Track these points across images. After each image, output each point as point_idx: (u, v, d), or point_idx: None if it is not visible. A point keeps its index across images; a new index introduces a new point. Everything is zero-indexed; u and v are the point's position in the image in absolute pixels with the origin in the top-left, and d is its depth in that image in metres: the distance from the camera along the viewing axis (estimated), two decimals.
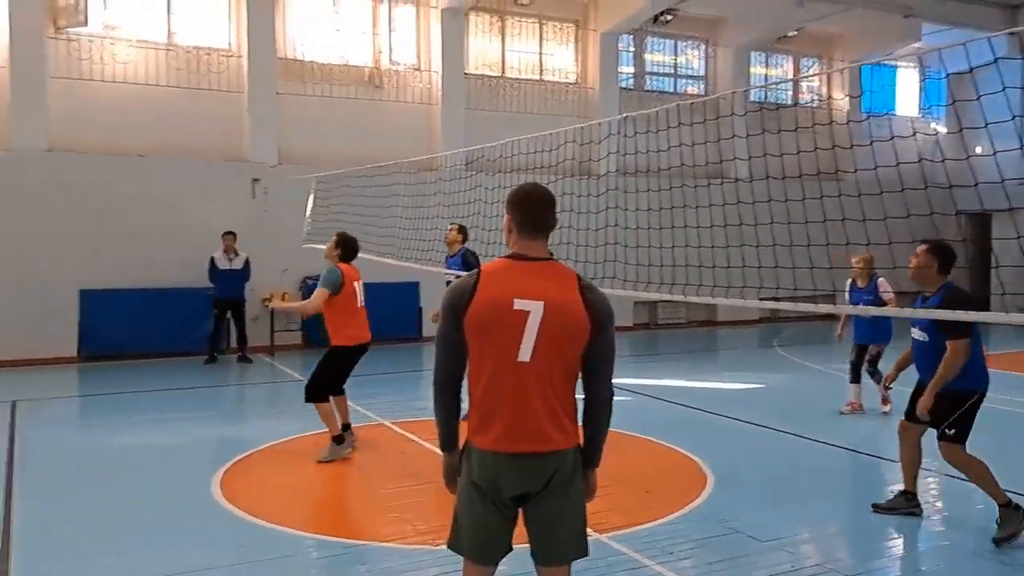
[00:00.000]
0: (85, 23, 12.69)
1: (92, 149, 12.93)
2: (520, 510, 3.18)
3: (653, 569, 4.89)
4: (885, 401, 9.03)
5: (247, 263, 13.01)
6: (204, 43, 13.82)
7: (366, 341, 7.49)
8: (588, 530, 3.17)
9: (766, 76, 19.53)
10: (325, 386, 7.36)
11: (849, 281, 9.00)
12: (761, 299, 5.08)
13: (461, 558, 3.25)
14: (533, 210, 3.15)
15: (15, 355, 12.15)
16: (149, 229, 13.14)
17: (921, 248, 5.55)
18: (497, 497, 3.10)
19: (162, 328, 13.16)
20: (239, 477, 6.86)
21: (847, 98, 18.65)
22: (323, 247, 11.10)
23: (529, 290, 3.02)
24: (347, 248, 7.53)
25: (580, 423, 3.24)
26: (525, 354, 3.01)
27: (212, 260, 12.84)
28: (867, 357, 9.07)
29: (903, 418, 5.86)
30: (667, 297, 5.79)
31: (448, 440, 3.29)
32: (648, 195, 7.48)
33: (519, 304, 3.00)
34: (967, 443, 5.45)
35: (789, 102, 19.43)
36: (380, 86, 15.18)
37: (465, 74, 15.75)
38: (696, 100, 7.79)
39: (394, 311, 14.27)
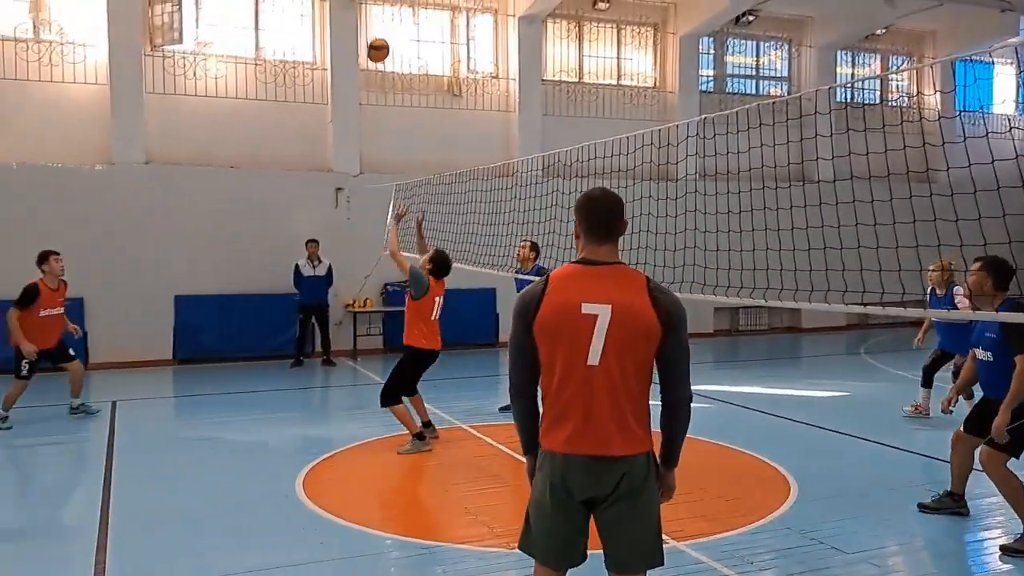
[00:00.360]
0: (180, 40, 13.23)
1: (186, 161, 13.45)
2: (592, 516, 3.16)
3: None
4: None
5: (330, 270, 13.32)
6: (290, 57, 14.22)
7: (436, 349, 7.90)
8: (666, 537, 3.12)
9: (852, 75, 18.98)
10: (397, 390, 7.78)
11: (929, 288, 8.72)
12: (847, 303, 4.93)
13: (522, 561, 3.28)
14: (600, 216, 3.16)
15: (116, 357, 12.71)
16: (239, 237, 13.59)
17: (975, 265, 5.48)
18: (568, 500, 3.09)
19: (251, 332, 13.59)
20: (322, 477, 7.02)
21: (938, 94, 17.96)
22: (405, 254, 11.30)
23: (597, 294, 3.02)
24: (437, 265, 7.94)
25: (657, 427, 3.21)
26: (594, 358, 3.00)
27: (296, 267, 13.18)
28: (953, 367, 8.75)
29: (960, 428, 5.80)
30: (749, 302, 5.69)
31: (528, 444, 3.30)
32: (728, 198, 7.36)
33: (587, 308, 3.00)
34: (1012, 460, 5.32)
35: (877, 101, 18.85)
36: (458, 95, 15.35)
37: (542, 81, 15.80)
38: (780, 99, 7.67)
39: (471, 317, 14.43)
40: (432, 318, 7.87)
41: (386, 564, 5.23)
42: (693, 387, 3.23)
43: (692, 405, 3.24)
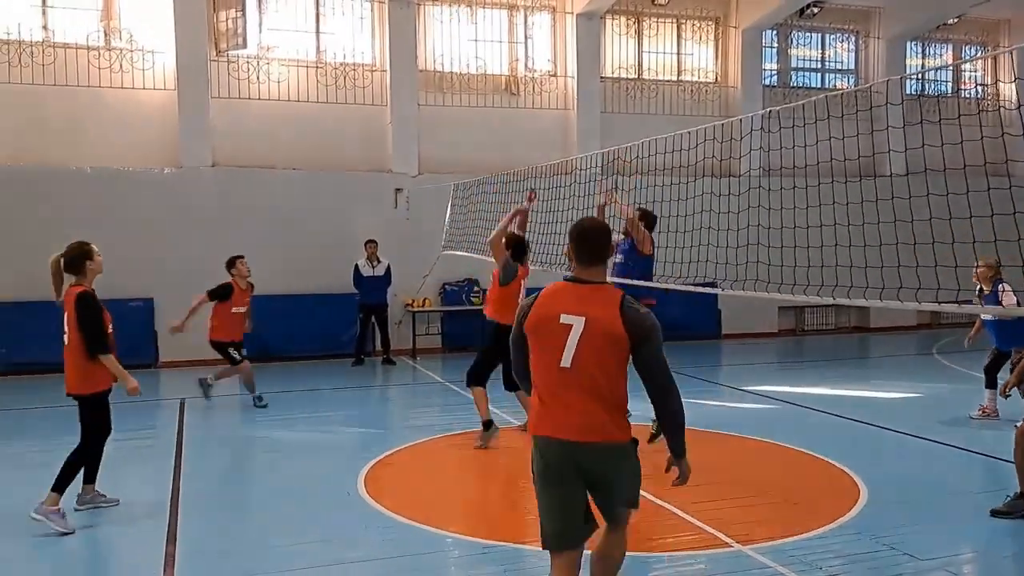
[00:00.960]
0: (244, 45, 13.47)
1: (250, 164, 13.70)
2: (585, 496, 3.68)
3: None
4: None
5: (389, 270, 13.42)
6: (350, 59, 14.37)
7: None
8: (730, 541, 3.96)
9: (923, 66, 18.40)
10: (483, 368, 7.91)
11: (978, 288, 8.43)
12: (920, 301, 4.74)
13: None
14: (589, 246, 3.65)
15: (185, 356, 12.98)
16: (300, 238, 13.78)
17: None
18: (557, 479, 3.60)
19: (312, 332, 13.77)
20: (383, 474, 7.06)
21: (1018, 81, 17.24)
22: (463, 253, 11.33)
23: (575, 307, 3.54)
24: (514, 249, 8.08)
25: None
26: (567, 360, 3.51)
27: (356, 267, 13.31)
28: (1011, 362, 8.43)
29: (1020, 424, 5.68)
30: (816, 300, 5.52)
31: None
32: (794, 193, 7.18)
33: (565, 319, 3.53)
34: None
35: (949, 92, 18.24)
36: (516, 93, 15.33)
37: (601, 78, 15.68)
38: (848, 91, 7.44)
39: None
40: (518, 301, 7.94)
41: (447, 562, 5.22)
42: (758, 387, 3.33)
43: (683, 405, 3.65)
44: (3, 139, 12.69)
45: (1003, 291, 8.24)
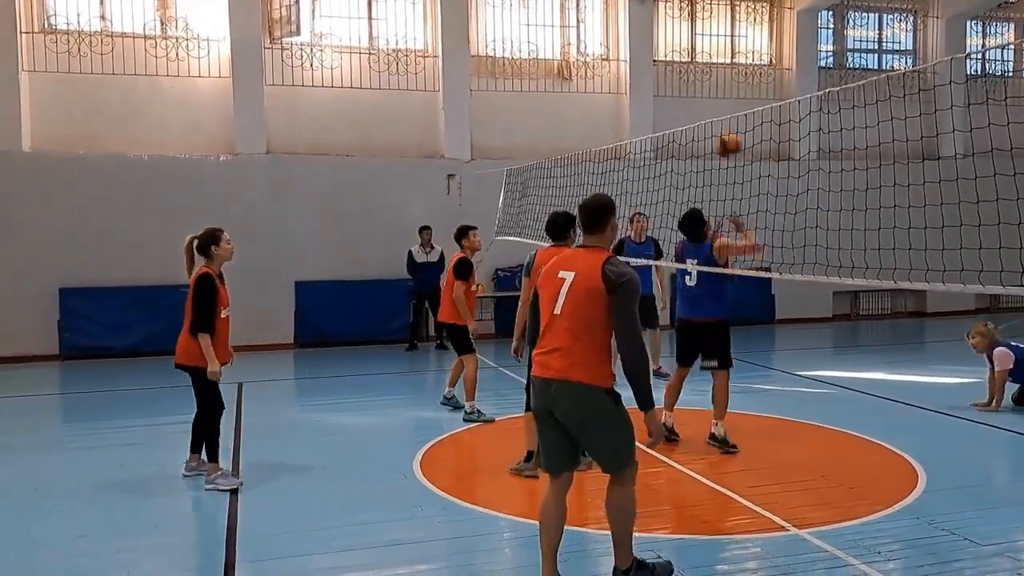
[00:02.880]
0: (298, 32, 13.65)
1: (304, 150, 13.91)
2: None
3: (857, 568, 4.63)
4: None
5: (442, 256, 13.52)
6: (402, 45, 14.47)
7: None
8: (786, 524, 4.12)
9: (983, 46, 17.86)
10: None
11: None
12: (984, 284, 4.66)
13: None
14: (585, 217, 4.32)
15: (241, 341, 13.16)
16: (354, 224, 13.96)
17: None
18: (545, 415, 4.18)
19: (367, 317, 13.96)
20: (437, 457, 7.17)
21: None
22: (516, 239, 11.36)
23: (570, 265, 4.19)
24: (549, 227, 6.86)
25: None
26: (558, 308, 4.13)
27: (410, 253, 13.44)
28: None
29: None
30: (875, 283, 5.44)
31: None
32: (855, 175, 7.07)
33: (561, 274, 4.18)
34: None
35: (1011, 72, 17.69)
36: (569, 78, 15.28)
37: (654, 61, 15.55)
38: (907, 72, 7.30)
39: None
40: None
41: (501, 543, 5.29)
42: (813, 372, 3.33)
43: (646, 361, 4.08)
44: (64, 128, 13.06)
45: None
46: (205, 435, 6.43)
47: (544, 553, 4.25)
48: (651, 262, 9.81)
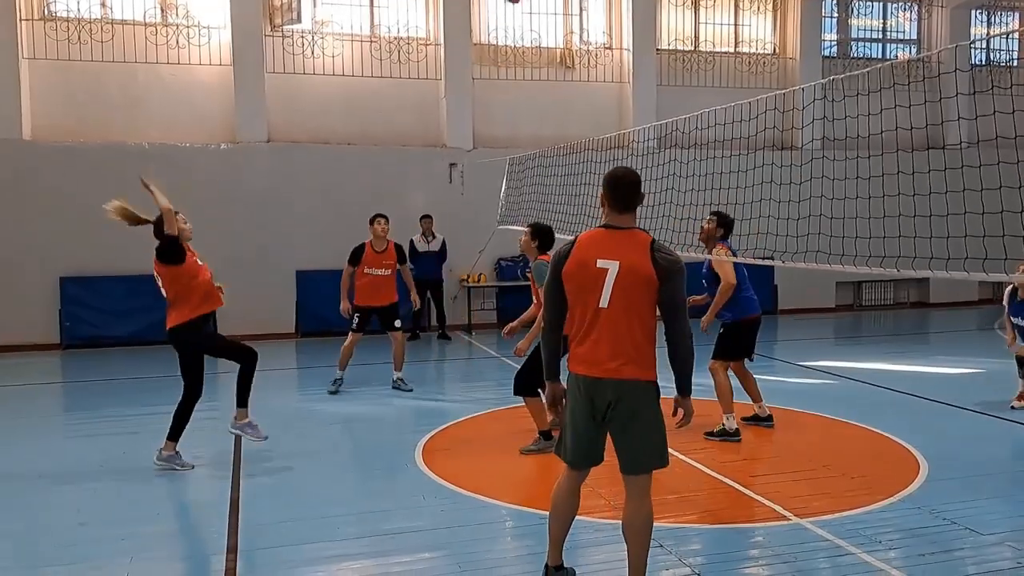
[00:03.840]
0: (298, 20, 13.61)
1: (305, 139, 13.88)
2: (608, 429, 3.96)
3: (858, 557, 4.63)
4: None
5: (444, 245, 13.51)
6: (404, 33, 14.41)
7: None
8: (787, 514, 4.04)
9: (988, 36, 17.77)
10: (533, 378, 6.78)
11: (1008, 290, 8.12)
12: (988, 272, 4.63)
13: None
14: (621, 193, 3.89)
15: (242, 330, 13.24)
16: (356, 213, 13.85)
17: None
18: (589, 413, 3.92)
19: None
20: (440, 446, 7.17)
21: None
22: (517, 228, 11.32)
23: (609, 253, 3.83)
24: (543, 237, 7.04)
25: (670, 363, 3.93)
26: (604, 302, 3.82)
27: (411, 242, 13.41)
28: None
29: None
30: (878, 271, 5.42)
31: (552, 371, 4.15)
32: (857, 163, 7.04)
33: (601, 263, 3.82)
34: None
35: (1015, 62, 17.60)
36: (571, 66, 15.23)
37: (657, 50, 15.48)
38: (911, 60, 7.27)
39: None
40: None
41: (503, 532, 5.30)
42: (815, 362, 3.29)
43: (694, 350, 3.93)
44: (64, 116, 13.04)
45: None
46: (177, 418, 6.54)
47: (553, 539, 4.24)
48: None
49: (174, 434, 6.55)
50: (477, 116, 14.61)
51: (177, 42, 13.36)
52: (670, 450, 4.03)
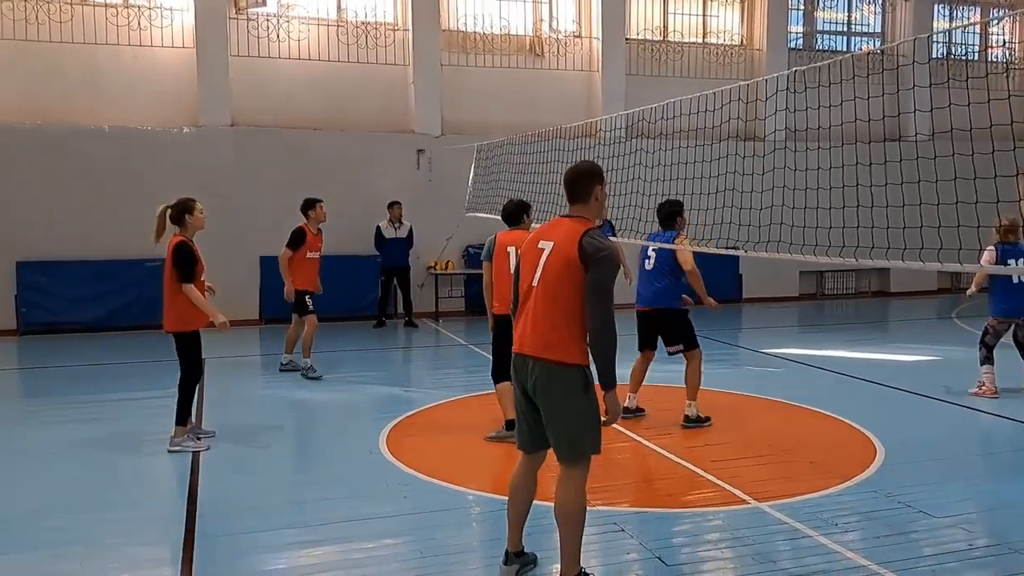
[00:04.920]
0: (264, 3, 13.44)
1: (270, 123, 13.73)
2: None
3: (816, 540, 4.72)
4: None
5: (411, 232, 13.46)
6: (372, 18, 14.29)
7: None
8: (747, 497, 4.07)
9: (949, 29, 18.05)
10: (497, 365, 6.81)
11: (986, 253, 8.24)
12: (942, 262, 4.72)
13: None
14: (567, 186, 4.11)
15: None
16: (323, 199, 13.78)
17: None
18: (521, 391, 4.06)
19: (334, 294, 13.76)
20: (405, 434, 7.17)
21: None
22: (485, 215, 11.33)
23: (550, 235, 4.02)
24: (503, 214, 7.08)
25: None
26: (535, 280, 3.98)
27: (378, 229, 13.36)
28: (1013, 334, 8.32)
29: None
30: (838, 261, 5.51)
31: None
32: (819, 154, 7.13)
33: (542, 244, 4.02)
34: None
35: (976, 56, 17.90)
36: (541, 54, 15.21)
37: (626, 39, 15.52)
38: (873, 52, 7.38)
39: None
40: (507, 272, 6.63)
41: (468, 518, 5.32)
42: (778, 349, 3.29)
43: (616, 340, 3.86)
44: (22, 97, 12.77)
45: None
46: (180, 397, 6.58)
47: (511, 524, 4.28)
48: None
49: (183, 416, 6.61)
50: (445, 103, 14.55)
51: (139, 23, 13.13)
52: (633, 435, 4.09)
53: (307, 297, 9.62)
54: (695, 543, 4.76)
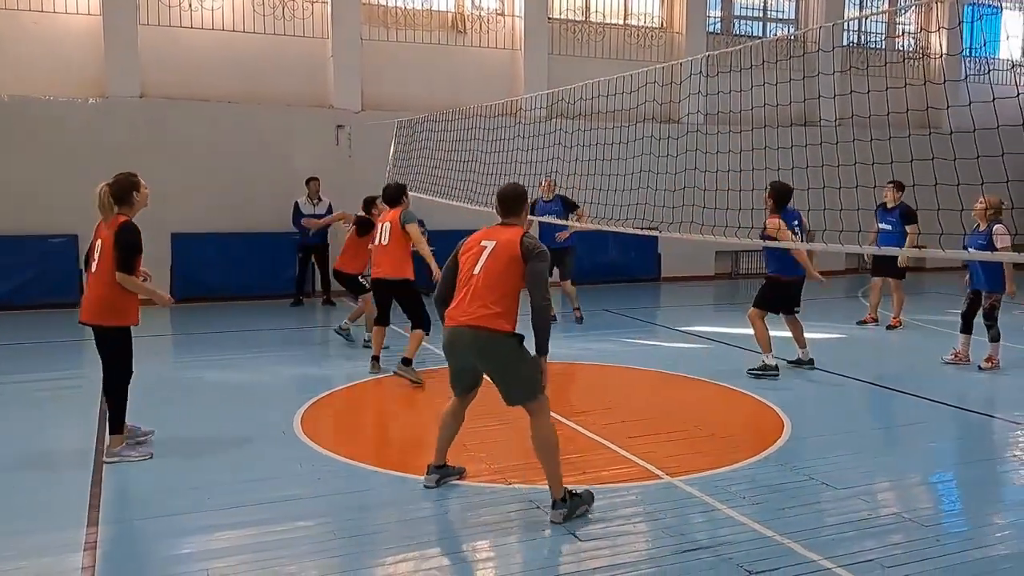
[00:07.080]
0: None
1: (182, 96, 13.26)
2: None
3: (724, 513, 4.87)
4: (990, 360, 8.69)
5: (330, 208, 13.23)
6: None
7: (377, 278, 8.27)
8: (658, 472, 4.50)
9: (860, 17, 18.60)
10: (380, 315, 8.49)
11: (975, 225, 8.58)
12: (844, 244, 4.89)
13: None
14: (501, 205, 5.12)
15: None
16: (237, 174, 13.47)
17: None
18: (453, 355, 5.00)
19: (250, 271, 13.56)
20: (320, 414, 7.09)
21: (943, 31, 17.52)
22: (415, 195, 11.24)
23: (491, 237, 4.98)
24: (385, 195, 8.48)
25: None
26: (478, 269, 4.88)
27: (296, 205, 13.10)
28: (982, 307, 8.71)
29: None
30: (749, 243, 5.65)
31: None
32: (730, 137, 7.28)
33: (483, 243, 4.96)
34: None
35: (883, 47, 18.49)
36: (463, 31, 15.09)
37: (548, 19, 15.51)
38: (786, 38, 7.55)
39: None
40: (373, 244, 8.64)
41: (381, 500, 5.27)
42: (692, 327, 3.41)
43: (549, 310, 4.83)
44: None
45: (996, 233, 8.23)
46: (112, 402, 5.87)
47: (438, 447, 5.32)
48: (564, 222, 10.82)
49: (118, 424, 5.88)
50: (366, 78, 14.31)
51: None
52: (554, 414, 4.19)
53: (360, 278, 10.13)
54: (608, 519, 4.84)
